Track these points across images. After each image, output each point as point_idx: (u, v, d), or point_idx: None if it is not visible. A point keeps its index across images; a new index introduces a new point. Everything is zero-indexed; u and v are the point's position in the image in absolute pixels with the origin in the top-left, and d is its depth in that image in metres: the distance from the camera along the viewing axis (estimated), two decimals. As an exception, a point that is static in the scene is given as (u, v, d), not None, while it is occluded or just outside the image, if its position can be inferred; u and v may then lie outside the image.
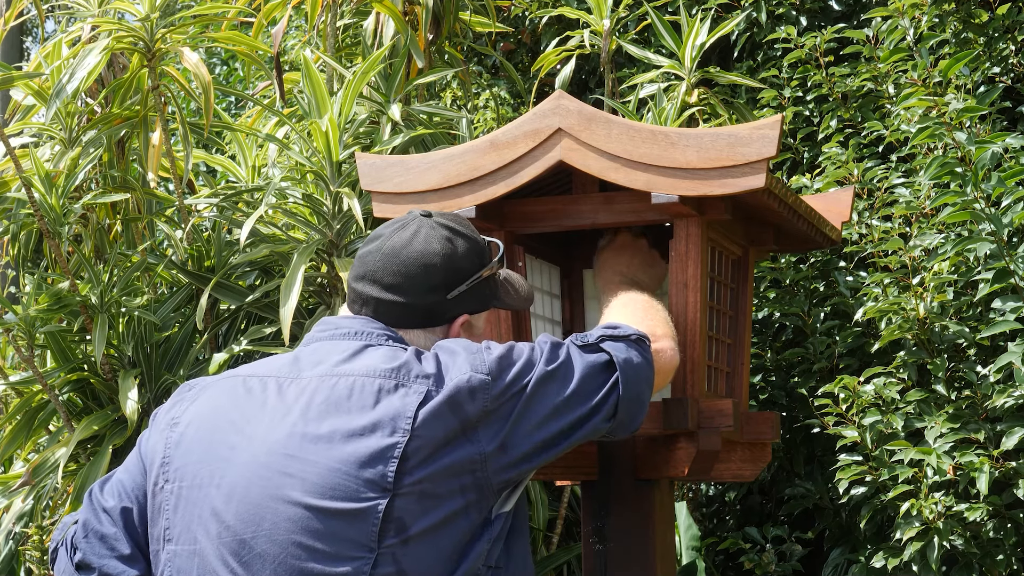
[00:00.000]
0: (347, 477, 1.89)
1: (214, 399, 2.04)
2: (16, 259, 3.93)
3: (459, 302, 2.09)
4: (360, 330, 2.05)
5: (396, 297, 2.05)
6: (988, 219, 3.13)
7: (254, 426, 1.97)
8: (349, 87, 3.53)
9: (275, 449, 1.94)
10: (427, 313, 2.07)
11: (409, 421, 1.90)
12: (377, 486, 1.89)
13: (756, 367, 3.92)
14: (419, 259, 2.06)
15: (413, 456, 1.90)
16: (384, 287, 2.06)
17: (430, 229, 2.09)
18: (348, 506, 1.89)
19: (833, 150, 3.71)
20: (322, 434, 1.92)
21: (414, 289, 2.05)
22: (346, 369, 1.98)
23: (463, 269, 2.09)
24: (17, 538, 3.90)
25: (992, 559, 3.27)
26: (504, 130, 2.49)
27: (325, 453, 1.91)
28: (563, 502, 3.99)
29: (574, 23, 4.49)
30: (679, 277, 2.44)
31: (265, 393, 2.00)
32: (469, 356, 1.97)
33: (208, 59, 7.94)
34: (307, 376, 2.00)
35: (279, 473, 1.92)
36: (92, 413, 3.65)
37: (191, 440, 2.01)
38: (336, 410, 1.94)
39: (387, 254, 2.07)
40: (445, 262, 2.06)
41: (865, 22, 4.18)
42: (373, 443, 1.90)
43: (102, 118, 3.87)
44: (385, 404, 1.92)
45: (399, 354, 1.98)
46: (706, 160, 2.36)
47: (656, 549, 2.53)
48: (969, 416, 3.26)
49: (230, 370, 2.12)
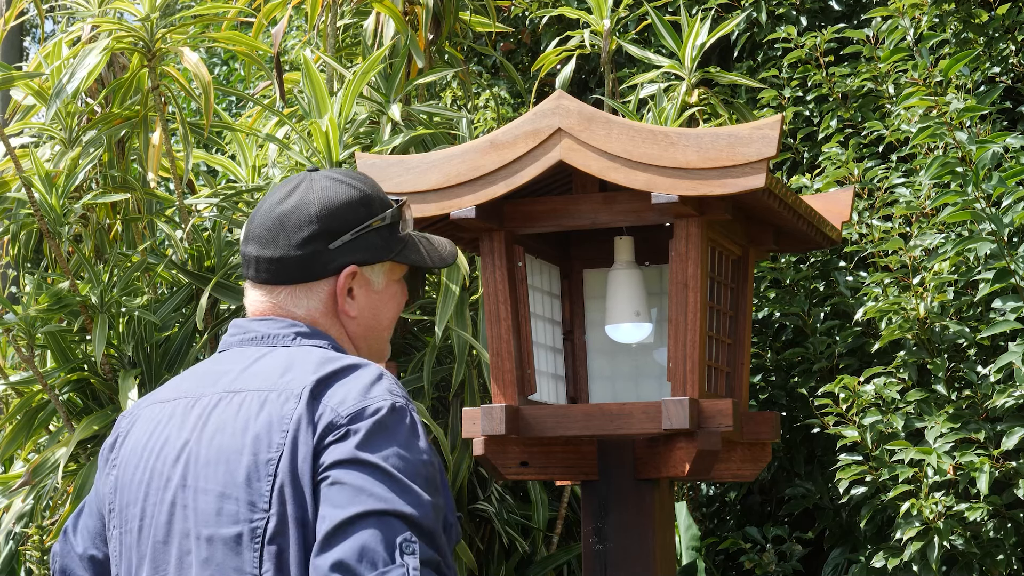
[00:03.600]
0: (232, 501, 1.83)
1: (139, 433, 1.97)
2: (16, 259, 3.93)
3: (344, 252, 1.97)
4: (266, 333, 1.97)
5: (272, 252, 1.96)
6: (988, 219, 3.13)
7: (164, 457, 1.91)
8: (349, 87, 3.53)
9: (174, 482, 1.88)
10: (306, 265, 1.96)
11: (283, 435, 1.82)
12: (256, 507, 1.82)
13: (756, 367, 3.92)
14: (294, 210, 1.96)
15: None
16: (262, 243, 1.97)
17: (311, 182, 1.99)
18: (234, 530, 1.82)
19: (833, 150, 3.71)
20: (211, 458, 1.85)
21: (288, 241, 1.95)
22: (240, 384, 1.90)
23: (346, 218, 1.97)
24: (17, 538, 3.90)
25: (992, 559, 3.27)
26: (504, 130, 2.49)
27: (212, 478, 1.84)
28: (563, 502, 3.99)
29: (574, 23, 4.49)
30: (679, 277, 2.44)
31: (174, 419, 1.93)
32: (359, 396, 1.82)
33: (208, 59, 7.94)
34: (209, 394, 1.92)
35: (179, 507, 1.86)
36: (92, 413, 3.65)
37: (124, 483, 1.95)
38: (221, 431, 1.86)
39: (265, 212, 1.99)
40: (322, 211, 1.96)
41: (865, 22, 4.18)
42: (248, 461, 1.83)
43: (102, 118, 3.87)
44: (264, 417, 1.84)
45: (298, 358, 1.89)
46: (706, 160, 2.36)
47: (656, 549, 2.53)
48: (969, 416, 3.25)
49: (157, 391, 2.05)
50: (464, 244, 2.73)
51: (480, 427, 2.50)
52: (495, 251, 2.55)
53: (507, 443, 2.57)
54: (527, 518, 3.89)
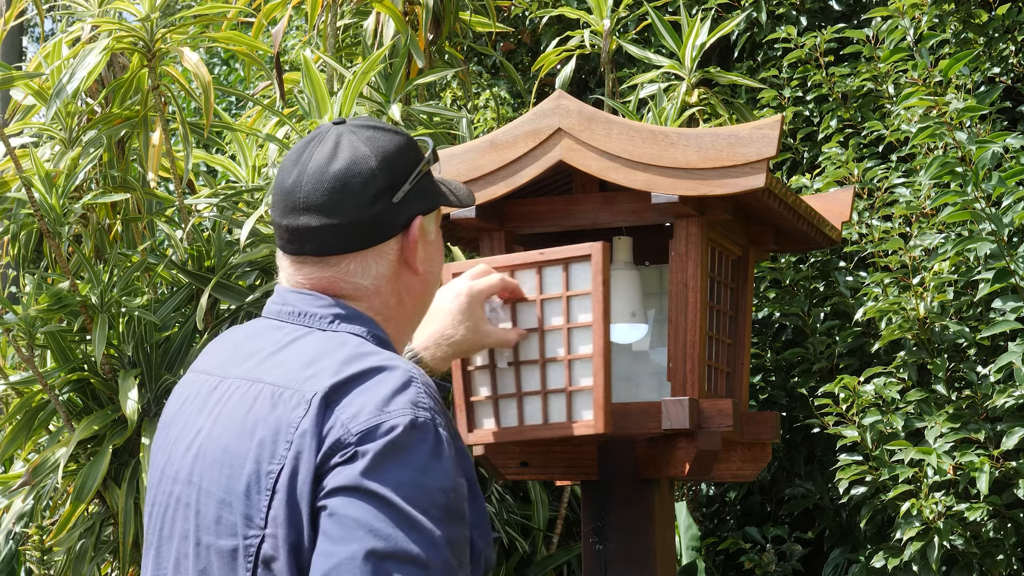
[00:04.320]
0: (231, 510, 1.65)
1: (171, 404, 1.82)
2: (16, 259, 3.92)
3: (407, 203, 1.77)
4: (304, 311, 1.76)
5: (337, 219, 1.72)
6: (988, 219, 3.13)
7: (179, 442, 1.75)
8: (349, 87, 3.53)
9: (183, 474, 1.72)
10: (375, 226, 1.74)
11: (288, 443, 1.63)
12: (252, 522, 1.64)
13: (756, 367, 3.92)
14: (351, 168, 1.74)
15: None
16: (324, 211, 1.73)
17: (351, 134, 1.77)
18: (230, 544, 1.65)
19: (833, 150, 3.71)
20: (216, 458, 1.68)
21: (356, 203, 1.73)
22: (261, 373, 1.71)
23: (402, 167, 1.77)
24: (17, 538, 3.89)
25: (992, 559, 3.27)
26: (504, 130, 2.49)
27: (216, 481, 1.67)
28: (563, 502, 3.99)
29: (574, 23, 4.49)
30: (679, 277, 2.44)
31: (197, 399, 1.77)
32: (375, 411, 1.61)
33: (208, 59, 7.94)
34: (231, 377, 1.74)
35: (183, 504, 1.71)
36: (92, 413, 3.64)
37: (152, 455, 1.81)
38: (230, 428, 1.69)
39: (314, 174, 1.74)
40: (381, 163, 1.75)
41: (865, 22, 4.18)
42: (251, 469, 1.65)
43: (102, 118, 3.87)
44: (274, 420, 1.65)
45: (328, 350, 1.69)
46: (706, 160, 2.36)
47: (656, 549, 2.53)
48: (969, 416, 3.25)
49: (204, 351, 1.86)
50: (464, 244, 2.73)
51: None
52: (495, 251, 2.55)
53: (507, 443, 2.57)
54: (527, 518, 3.89)
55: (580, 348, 2.32)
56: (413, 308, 1.82)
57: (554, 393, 2.35)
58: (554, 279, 2.33)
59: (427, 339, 2.20)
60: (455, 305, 2.21)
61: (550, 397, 2.36)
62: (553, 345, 2.34)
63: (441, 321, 2.20)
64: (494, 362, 2.38)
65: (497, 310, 2.32)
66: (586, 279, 2.31)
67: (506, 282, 2.29)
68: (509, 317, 2.36)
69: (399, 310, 1.80)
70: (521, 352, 2.36)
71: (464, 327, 2.21)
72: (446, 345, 2.20)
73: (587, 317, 2.31)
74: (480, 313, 2.24)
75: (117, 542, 3.61)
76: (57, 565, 3.79)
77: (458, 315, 2.21)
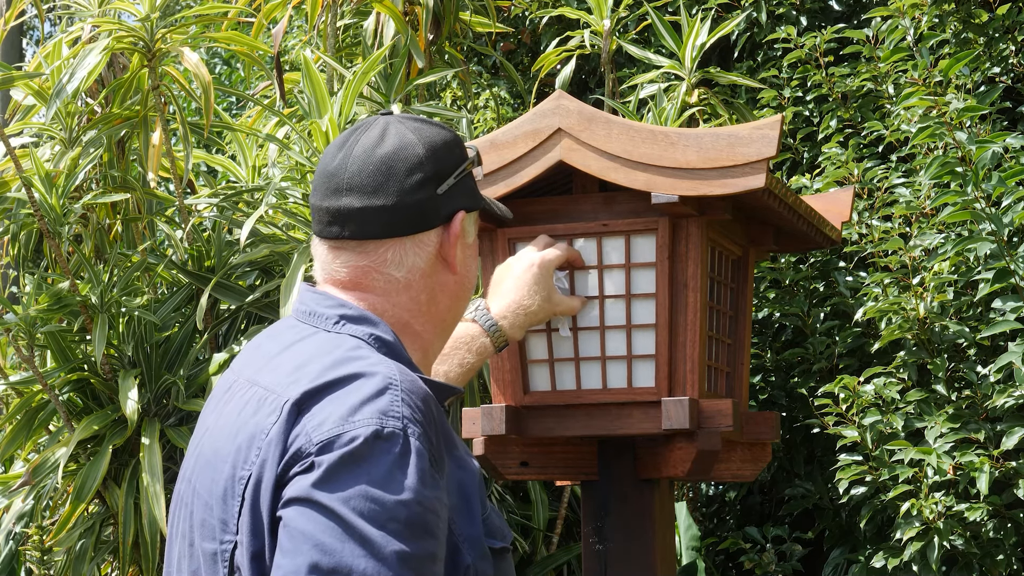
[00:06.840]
0: (211, 513, 1.63)
1: (204, 410, 1.79)
2: (16, 259, 3.93)
3: (451, 197, 1.76)
4: (312, 310, 1.73)
5: (381, 201, 1.70)
6: (988, 219, 3.13)
7: (196, 439, 1.74)
8: (349, 87, 3.53)
9: (187, 472, 1.72)
10: (418, 212, 1.72)
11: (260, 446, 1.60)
12: (227, 527, 1.61)
13: (756, 367, 3.92)
14: (398, 152, 1.73)
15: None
16: (368, 192, 1.71)
17: (399, 124, 1.77)
18: (211, 547, 1.62)
19: (833, 150, 3.71)
20: (208, 459, 1.67)
21: (401, 186, 1.71)
22: (260, 375, 1.68)
23: (448, 160, 1.77)
24: (17, 538, 3.90)
25: (992, 559, 3.27)
26: (504, 130, 2.49)
27: (203, 483, 1.66)
28: (563, 502, 3.99)
29: (574, 23, 4.49)
30: (679, 277, 2.44)
31: (215, 398, 1.76)
32: (339, 420, 1.56)
33: (208, 59, 7.94)
34: (242, 378, 1.72)
35: (183, 503, 1.70)
36: (92, 413, 3.65)
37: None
38: (224, 430, 1.67)
39: (360, 157, 1.73)
40: (427, 153, 1.75)
41: (865, 22, 4.18)
42: (228, 473, 1.62)
43: (102, 118, 3.87)
44: (252, 424, 1.62)
45: (320, 353, 1.65)
46: (706, 160, 2.36)
47: (656, 549, 2.53)
48: (969, 416, 3.26)
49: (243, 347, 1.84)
50: (464, 244, 2.72)
51: (480, 427, 2.50)
52: (495, 251, 2.54)
53: (507, 443, 2.57)
54: (527, 518, 3.89)
55: (642, 317, 2.41)
56: (447, 307, 1.79)
57: (613, 360, 2.43)
58: (615, 249, 2.42)
59: (504, 308, 2.30)
60: (529, 276, 2.32)
61: (608, 363, 2.43)
62: (615, 313, 2.42)
63: (518, 292, 2.31)
64: (550, 326, 2.45)
65: (562, 279, 2.42)
66: (649, 251, 2.41)
67: (571, 251, 2.40)
68: (570, 285, 2.45)
69: (431, 307, 1.77)
70: (579, 319, 2.44)
71: (540, 296, 2.31)
72: (523, 315, 2.31)
73: (649, 287, 2.40)
74: (551, 283, 2.35)
75: (117, 542, 3.62)
76: (57, 565, 3.80)
77: (533, 285, 2.31)
